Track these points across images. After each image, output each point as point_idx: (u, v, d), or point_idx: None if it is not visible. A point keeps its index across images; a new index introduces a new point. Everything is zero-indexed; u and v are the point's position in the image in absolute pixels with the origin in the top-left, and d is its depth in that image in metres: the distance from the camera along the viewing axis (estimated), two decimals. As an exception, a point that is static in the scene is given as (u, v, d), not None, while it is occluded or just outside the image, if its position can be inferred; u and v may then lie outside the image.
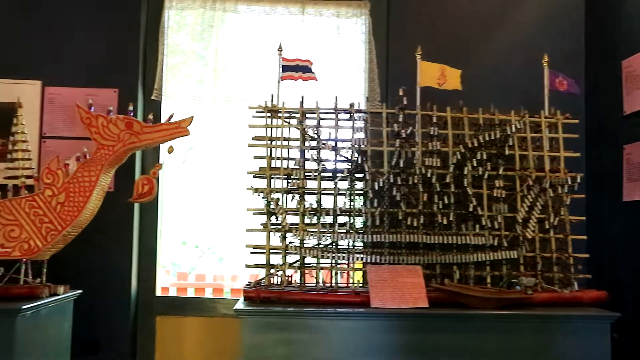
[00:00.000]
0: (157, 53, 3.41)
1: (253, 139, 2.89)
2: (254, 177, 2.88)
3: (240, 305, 2.62)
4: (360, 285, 2.84)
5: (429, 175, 2.79)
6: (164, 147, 3.04)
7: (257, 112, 2.92)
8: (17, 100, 2.90)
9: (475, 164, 2.84)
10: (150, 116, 2.86)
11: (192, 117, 2.80)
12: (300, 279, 2.80)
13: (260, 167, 2.88)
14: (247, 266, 2.81)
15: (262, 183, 2.86)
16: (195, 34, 3.45)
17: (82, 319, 3.06)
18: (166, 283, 4.40)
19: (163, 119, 2.96)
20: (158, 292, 3.44)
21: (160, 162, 2.78)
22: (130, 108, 2.93)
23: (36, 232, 2.70)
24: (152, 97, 3.37)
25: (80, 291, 2.99)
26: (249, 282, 2.84)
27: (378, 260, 2.74)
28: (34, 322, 2.59)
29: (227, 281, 4.74)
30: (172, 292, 4.48)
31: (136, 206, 3.34)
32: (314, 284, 2.82)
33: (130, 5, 3.42)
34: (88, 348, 3.18)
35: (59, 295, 2.78)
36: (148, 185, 2.77)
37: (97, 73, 3.34)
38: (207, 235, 5.35)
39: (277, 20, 3.50)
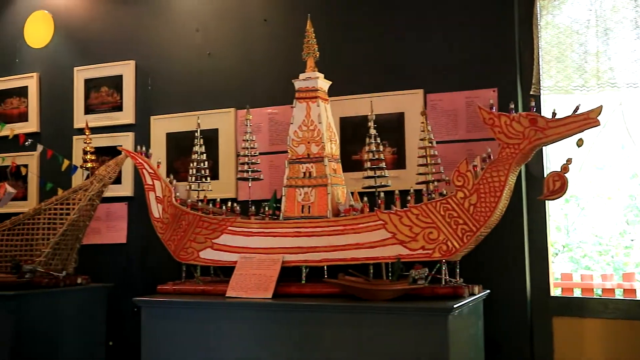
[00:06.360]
0: (532, 46, 3.32)
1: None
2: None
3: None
4: None
5: None
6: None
7: (675, 93, 2.64)
8: (422, 109, 3.05)
9: None
10: (555, 110, 2.76)
11: (601, 106, 2.63)
12: None
13: (686, 154, 2.59)
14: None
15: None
16: (572, 20, 3.28)
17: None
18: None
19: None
20: (552, 292, 3.32)
21: (570, 156, 2.65)
22: (512, 106, 2.85)
23: (452, 233, 2.78)
24: (531, 92, 3.28)
25: (488, 291, 3.01)
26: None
27: None
28: (459, 320, 2.66)
29: (597, 280, 4.46)
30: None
31: (524, 203, 3.28)
32: None
33: (502, 2, 3.39)
34: (490, 348, 3.19)
35: (475, 295, 2.84)
36: (559, 182, 2.66)
37: (475, 75, 3.38)
38: (564, 234, 5.13)
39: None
